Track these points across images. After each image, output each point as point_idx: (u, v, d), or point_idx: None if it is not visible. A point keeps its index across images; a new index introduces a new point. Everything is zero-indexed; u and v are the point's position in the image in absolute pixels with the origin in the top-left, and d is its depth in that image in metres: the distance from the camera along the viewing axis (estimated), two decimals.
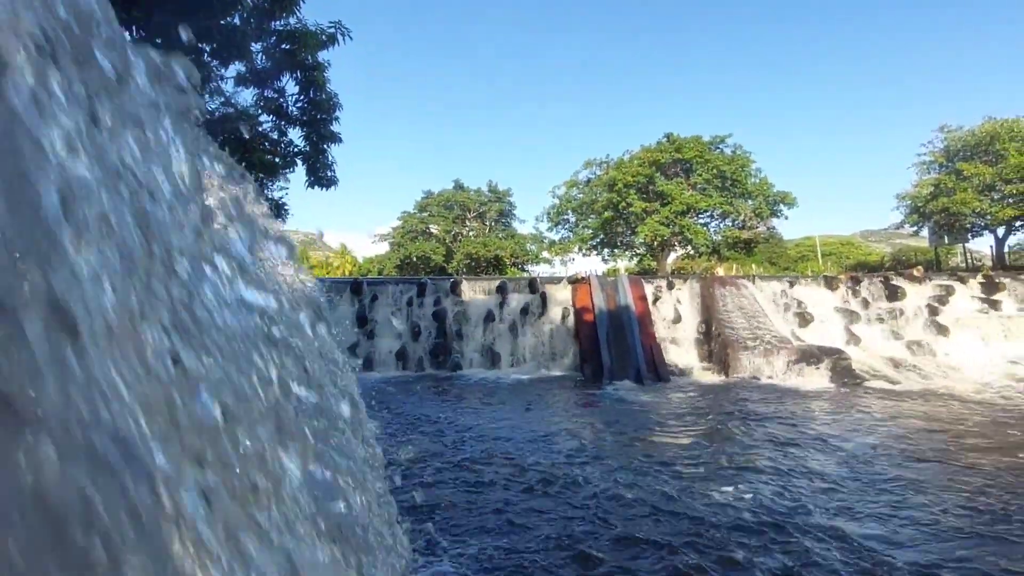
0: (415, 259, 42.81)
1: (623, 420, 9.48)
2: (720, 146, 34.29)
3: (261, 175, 14.96)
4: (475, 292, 17.56)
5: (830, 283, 18.46)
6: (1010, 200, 28.19)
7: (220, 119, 13.75)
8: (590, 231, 36.65)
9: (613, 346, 14.74)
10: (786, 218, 34.53)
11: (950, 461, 6.77)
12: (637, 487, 5.73)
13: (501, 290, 17.18)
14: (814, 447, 7.42)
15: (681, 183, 33.12)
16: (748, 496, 5.49)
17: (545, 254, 42.42)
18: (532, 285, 17.62)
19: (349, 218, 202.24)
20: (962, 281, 18.93)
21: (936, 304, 17.32)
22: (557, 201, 38.24)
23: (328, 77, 13.81)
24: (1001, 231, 31.28)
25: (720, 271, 29.78)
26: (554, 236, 40.61)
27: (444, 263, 42.78)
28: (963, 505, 5.23)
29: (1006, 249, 33.12)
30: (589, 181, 37.32)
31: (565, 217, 38.49)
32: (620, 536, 4.54)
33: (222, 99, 14.32)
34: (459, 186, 45.81)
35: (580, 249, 37.78)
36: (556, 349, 16.35)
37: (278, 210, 15.31)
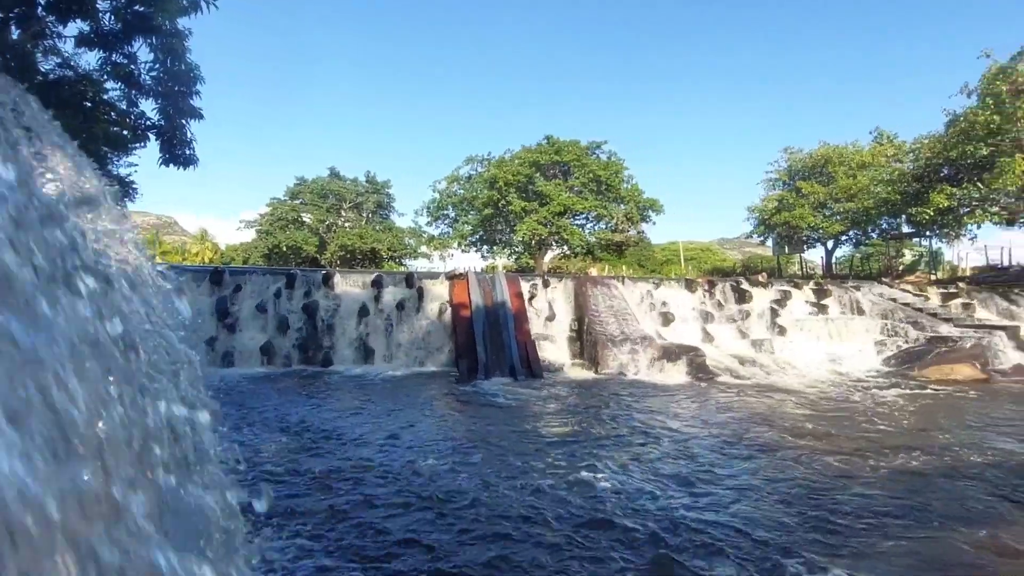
0: (285, 249, 40.49)
1: (498, 416, 9.55)
2: (597, 151, 35.86)
3: (105, 148, 13.33)
4: (349, 285, 16.90)
5: (690, 286, 19.90)
6: (838, 217, 32.06)
7: (55, 82, 12.10)
8: (470, 227, 36.78)
9: (489, 342, 14.84)
10: (654, 223, 36.94)
11: (780, 446, 7.55)
12: (514, 485, 5.75)
13: (377, 284, 16.68)
14: (671, 437, 7.90)
15: (560, 185, 34.20)
16: (610, 485, 5.71)
17: (424, 249, 41.95)
18: (409, 280, 17.28)
19: (212, 202, 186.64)
20: (798, 287, 21.25)
21: (777, 307, 19.27)
22: (437, 196, 37.98)
23: (189, 47, 12.60)
24: (831, 244, 35.55)
25: (593, 271, 31.14)
26: (433, 231, 40.33)
27: (317, 254, 40.88)
28: (789, 481, 5.81)
29: (834, 260, 37.72)
30: (470, 177, 37.44)
31: (445, 212, 38.32)
32: (493, 535, 4.51)
33: (59, 60, 12.62)
34: (335, 174, 43.90)
35: (459, 245, 37.80)
36: (432, 345, 16.16)
37: (124, 188, 13.75)
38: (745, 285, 20.35)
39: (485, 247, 38.44)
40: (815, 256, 39.87)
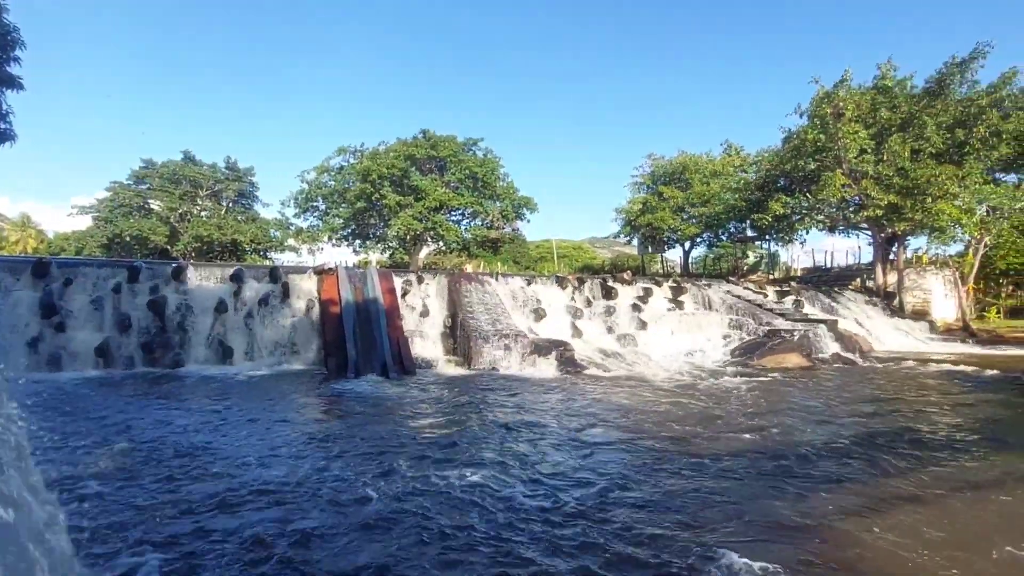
0: (128, 239, 36.50)
1: (367, 415, 9.22)
2: (473, 148, 35.96)
3: None
4: (205, 279, 15.54)
5: (561, 282, 20.59)
6: (694, 220, 34.76)
7: None
8: (341, 220, 35.35)
9: (360, 339, 14.35)
10: (528, 221, 37.74)
11: (639, 430, 8.05)
12: (381, 486, 5.55)
13: (236, 278, 15.49)
14: (539, 429, 8.09)
15: (435, 180, 33.89)
16: (478, 478, 5.71)
17: (291, 242, 39.69)
18: (273, 274, 16.24)
19: (35, 186, 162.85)
20: (658, 285, 22.78)
21: (640, 303, 20.50)
22: (306, 187, 36.06)
23: (6, 6, 10.90)
24: (688, 244, 38.49)
25: (469, 268, 31.25)
26: (302, 223, 38.27)
27: (167, 245, 37.26)
28: (647, 462, 6.18)
29: (691, 260, 40.91)
30: (342, 169, 35.97)
31: (315, 204, 36.51)
32: (360, 540, 4.31)
33: None
34: (189, 158, 40.15)
35: (330, 239, 36.21)
36: (298, 342, 15.33)
37: None
38: (612, 282, 21.44)
39: (357, 241, 37.15)
40: (675, 256, 43.08)
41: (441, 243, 36.23)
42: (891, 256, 27.93)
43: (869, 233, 28.01)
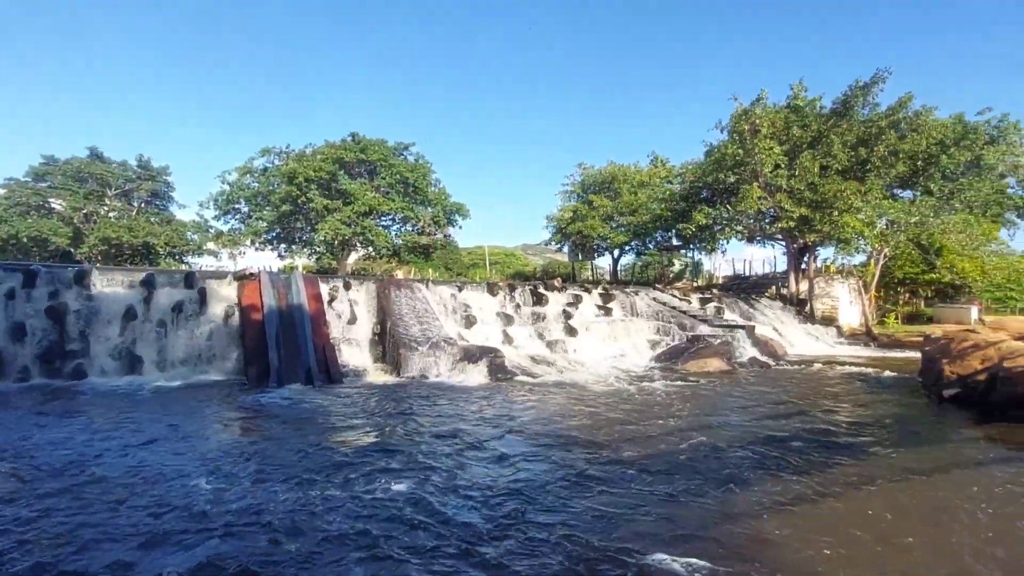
0: (26, 240, 33.67)
1: (290, 425, 8.85)
2: (404, 153, 35.48)
3: None
4: (112, 285, 14.50)
5: (492, 289, 20.58)
6: (623, 228, 35.67)
7: None
8: (265, 224, 33.95)
9: (283, 347, 13.79)
10: (460, 228, 37.56)
11: (567, 435, 8.14)
12: (304, 500, 5.30)
13: (148, 283, 14.55)
14: (468, 437, 8.00)
15: (365, 184, 33.19)
16: (404, 488, 5.57)
17: (211, 246, 37.77)
18: (189, 279, 15.37)
19: None
20: (588, 292, 23.19)
21: (569, 310, 20.79)
22: (228, 188, 34.41)
23: None
24: (617, 252, 39.43)
25: (400, 274, 30.77)
26: (222, 226, 36.51)
27: (70, 248, 34.63)
28: (574, 468, 6.21)
29: (619, 267, 41.95)
30: (266, 170, 34.59)
31: (236, 206, 34.90)
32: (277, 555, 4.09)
33: None
34: (96, 155, 37.50)
35: (253, 243, 34.68)
36: (216, 351, 14.56)
37: None
38: (542, 289, 21.64)
39: (283, 246, 35.76)
40: (604, 263, 44.05)
41: (371, 248, 35.44)
42: (803, 265, 29.65)
43: (783, 243, 29.64)
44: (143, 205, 39.42)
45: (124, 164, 38.28)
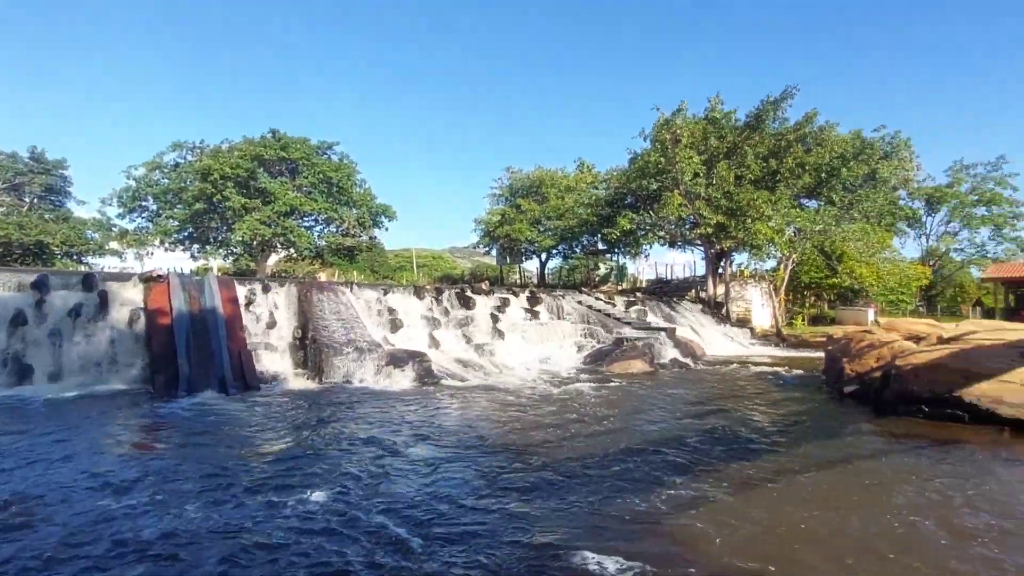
0: None
1: (201, 437, 8.30)
2: (328, 152, 34.47)
3: None
4: None
5: (419, 292, 20.27)
6: (550, 232, 36.15)
7: None
8: (176, 223, 32.03)
9: (194, 353, 12.98)
10: (387, 229, 36.83)
11: (493, 439, 8.12)
12: (216, 521, 4.95)
13: (39, 286, 13.32)
14: (393, 443, 7.79)
15: (286, 183, 31.97)
16: (323, 499, 5.34)
17: (114, 245, 35.19)
18: (88, 281, 14.20)
19: None
20: (515, 295, 23.28)
21: (497, 313, 20.78)
22: (134, 184, 32.21)
23: None
24: (544, 256, 39.89)
25: (323, 276, 29.81)
26: (127, 225, 34.12)
27: None
28: (501, 471, 6.16)
29: (547, 270, 42.44)
30: (178, 166, 32.66)
31: (144, 204, 32.73)
32: None
33: None
34: None
35: (162, 243, 32.63)
36: (120, 358, 13.50)
37: None
38: (470, 292, 21.52)
39: (196, 246, 33.83)
40: (532, 266, 44.49)
41: (292, 250, 34.17)
42: (720, 270, 31.07)
43: (702, 249, 30.95)
44: (36, 200, 36.26)
45: (14, 156, 35.04)
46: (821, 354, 15.84)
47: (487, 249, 42.34)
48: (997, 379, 9.52)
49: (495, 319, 20.28)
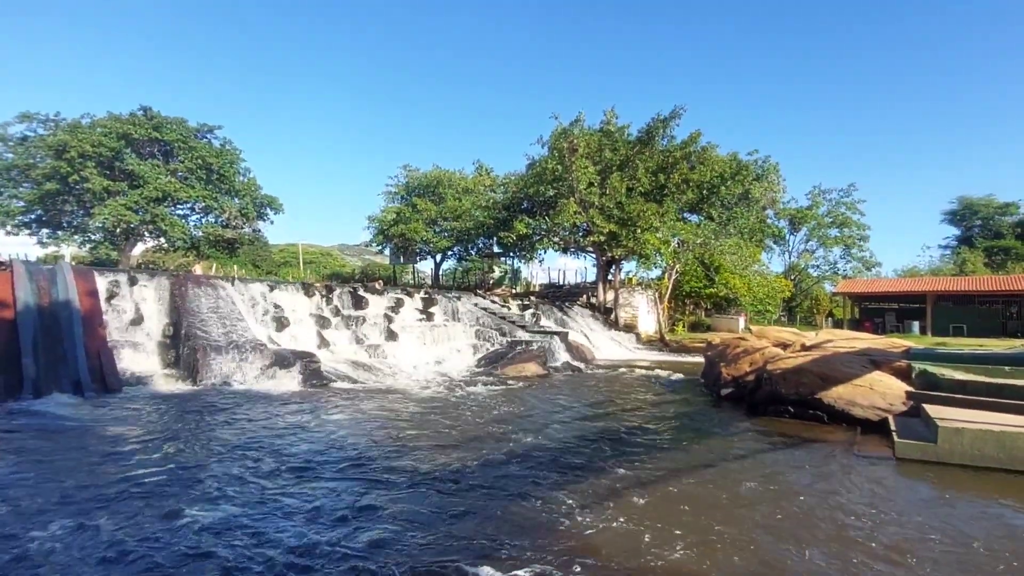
0: None
1: (48, 447, 7.26)
2: (208, 135, 31.97)
3: None
4: None
5: (307, 290, 19.26)
6: (446, 233, 35.86)
7: None
8: (22, 204, 28.25)
9: (43, 351, 11.43)
10: (272, 222, 34.77)
11: (383, 443, 7.90)
12: (73, 544, 4.28)
13: None
14: (276, 451, 7.26)
15: (158, 166, 29.24)
16: (195, 519, 4.81)
17: None
18: None
19: None
20: (410, 295, 22.79)
21: (391, 313, 20.23)
22: None
23: None
24: (439, 257, 39.50)
25: (199, 269, 27.52)
26: None
27: None
28: (392, 481, 5.91)
29: (441, 272, 42.05)
30: (25, 139, 28.85)
31: None
32: None
33: None
34: None
35: (3, 224, 28.67)
36: None
37: None
38: (362, 292, 20.79)
39: (45, 231, 29.99)
40: (426, 267, 43.91)
41: (163, 240, 31.28)
42: (610, 277, 32.33)
43: (594, 256, 32.06)
44: None
45: None
46: (701, 359, 16.86)
47: (380, 248, 41.25)
48: (851, 383, 10.57)
49: (389, 320, 19.72)
